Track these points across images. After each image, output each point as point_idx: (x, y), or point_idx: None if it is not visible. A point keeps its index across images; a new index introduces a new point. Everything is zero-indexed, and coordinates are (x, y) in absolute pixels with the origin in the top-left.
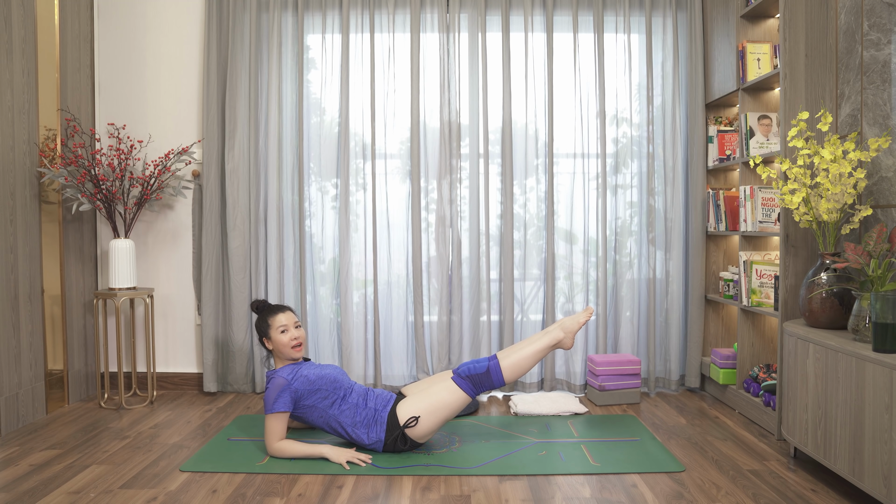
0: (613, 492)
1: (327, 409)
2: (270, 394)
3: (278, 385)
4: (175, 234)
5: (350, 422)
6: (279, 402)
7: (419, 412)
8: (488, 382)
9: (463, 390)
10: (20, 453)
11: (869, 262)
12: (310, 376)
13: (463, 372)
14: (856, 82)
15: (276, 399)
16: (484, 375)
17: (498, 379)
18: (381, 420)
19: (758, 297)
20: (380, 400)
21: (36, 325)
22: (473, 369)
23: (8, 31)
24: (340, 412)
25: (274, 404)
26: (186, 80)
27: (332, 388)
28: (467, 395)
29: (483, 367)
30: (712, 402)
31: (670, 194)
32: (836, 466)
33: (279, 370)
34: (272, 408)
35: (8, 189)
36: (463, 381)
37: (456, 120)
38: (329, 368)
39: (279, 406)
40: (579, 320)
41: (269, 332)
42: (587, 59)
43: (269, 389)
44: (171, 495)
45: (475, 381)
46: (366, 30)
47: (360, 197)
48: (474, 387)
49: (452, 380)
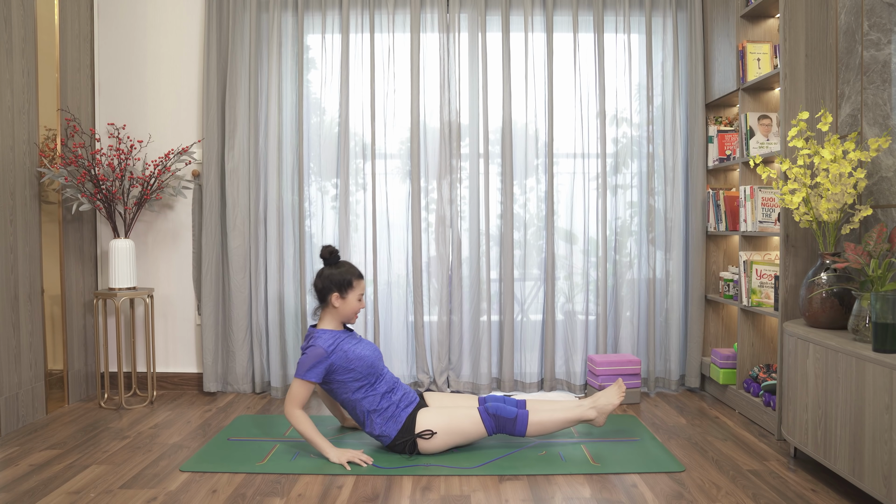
0: (613, 492)
1: (354, 390)
2: (307, 360)
3: (317, 355)
4: (175, 234)
5: (370, 407)
6: (312, 372)
7: (437, 428)
8: (510, 428)
9: (484, 425)
10: (20, 453)
11: (869, 262)
12: (349, 354)
13: (491, 409)
14: (856, 82)
15: (310, 367)
16: (510, 421)
17: (521, 429)
18: (399, 419)
19: (758, 297)
20: (405, 398)
21: (36, 325)
22: (501, 410)
23: (8, 31)
24: (364, 396)
25: (307, 372)
26: (186, 80)
27: (365, 373)
28: (486, 431)
29: (512, 413)
30: (712, 402)
31: (670, 194)
32: (836, 466)
33: (322, 334)
34: (304, 374)
35: (8, 189)
36: (488, 418)
37: (456, 120)
38: (368, 349)
39: (310, 376)
40: (614, 402)
41: (349, 292)
42: (587, 59)
43: (307, 355)
44: (171, 495)
45: (499, 423)
46: (366, 30)
47: (360, 197)
48: (496, 426)
49: (479, 411)
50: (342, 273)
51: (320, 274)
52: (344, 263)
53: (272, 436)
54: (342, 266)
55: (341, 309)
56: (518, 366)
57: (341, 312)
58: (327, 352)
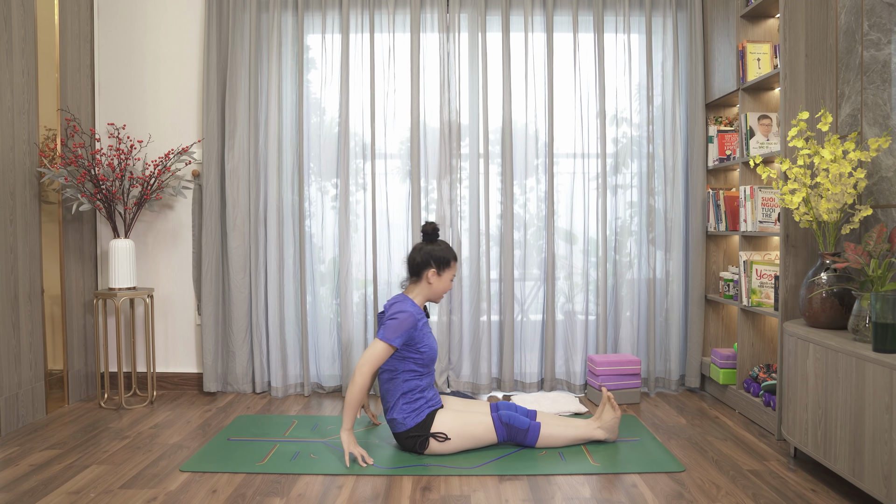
0: (613, 492)
1: (404, 370)
2: (399, 325)
3: (409, 322)
4: (175, 234)
5: (400, 392)
6: (399, 338)
7: (452, 433)
8: (521, 438)
9: (496, 433)
10: (20, 453)
11: (869, 262)
12: (424, 337)
13: (504, 418)
14: (856, 82)
15: (399, 333)
16: (521, 432)
17: (532, 440)
18: (421, 414)
19: (758, 297)
20: (433, 399)
21: (36, 325)
22: (515, 420)
23: (8, 31)
24: (407, 380)
25: (395, 337)
26: (186, 80)
27: (424, 362)
28: (496, 438)
29: (525, 424)
30: (712, 402)
31: (670, 194)
32: (836, 466)
33: (413, 306)
34: (392, 339)
35: (8, 189)
36: (501, 427)
37: (456, 120)
38: (434, 343)
39: (396, 341)
40: (617, 415)
41: (445, 270)
42: (587, 59)
43: (399, 320)
44: (171, 495)
45: (511, 432)
46: (366, 30)
47: (359, 197)
48: (507, 435)
49: (492, 419)
50: (443, 250)
51: (420, 248)
52: (442, 242)
53: (272, 436)
54: (441, 244)
55: (435, 286)
56: (518, 366)
57: (433, 289)
58: (416, 321)
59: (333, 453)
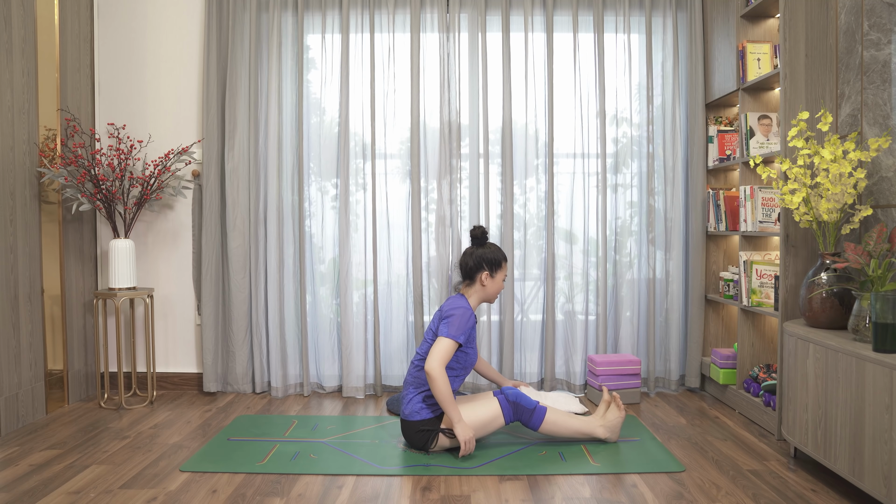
0: (613, 492)
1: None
2: (462, 322)
3: (469, 320)
4: (175, 234)
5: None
6: (462, 334)
7: None
8: (527, 418)
9: (503, 413)
10: (20, 453)
11: (869, 262)
12: (474, 340)
13: (511, 397)
14: (856, 82)
15: (462, 330)
16: (528, 411)
17: (537, 421)
18: (437, 410)
19: (758, 297)
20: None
21: (36, 325)
22: (522, 398)
23: (8, 31)
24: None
25: (459, 333)
26: (186, 80)
27: (465, 364)
28: (503, 419)
29: (532, 403)
30: (712, 402)
31: (670, 194)
32: (836, 466)
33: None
34: (456, 335)
35: (8, 189)
36: (507, 406)
37: (456, 120)
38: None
39: (460, 337)
40: (621, 415)
41: (497, 272)
42: (587, 59)
43: (460, 316)
44: (171, 495)
45: (517, 411)
46: (366, 30)
47: (360, 197)
48: (514, 414)
49: (498, 399)
50: (494, 252)
51: (471, 252)
52: (492, 244)
53: (272, 436)
54: (491, 247)
55: (488, 287)
56: (518, 366)
57: (487, 291)
58: (472, 320)
59: (333, 453)
